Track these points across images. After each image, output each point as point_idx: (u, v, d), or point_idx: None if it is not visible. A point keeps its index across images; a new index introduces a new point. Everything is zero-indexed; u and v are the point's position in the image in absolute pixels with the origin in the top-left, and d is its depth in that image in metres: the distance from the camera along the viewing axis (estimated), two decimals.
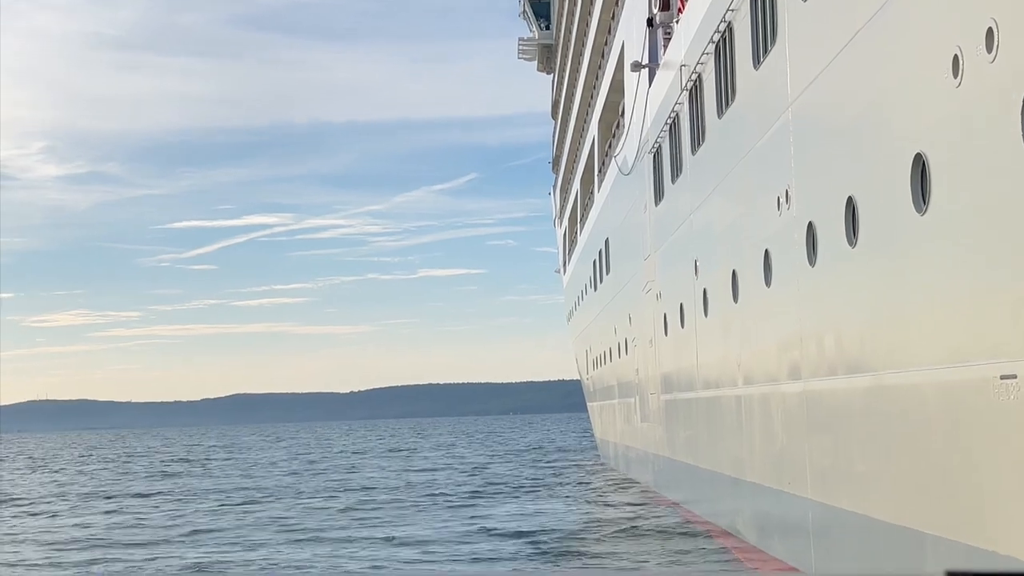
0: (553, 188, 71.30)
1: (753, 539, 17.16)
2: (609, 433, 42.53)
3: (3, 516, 31.63)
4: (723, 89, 17.56)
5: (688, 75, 20.09)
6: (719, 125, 17.97)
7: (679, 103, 21.31)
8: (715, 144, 18.52)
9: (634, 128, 28.02)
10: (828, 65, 11.98)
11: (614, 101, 35.67)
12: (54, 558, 21.07)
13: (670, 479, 25.94)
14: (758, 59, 15.22)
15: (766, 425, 15.73)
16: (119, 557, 20.82)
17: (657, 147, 24.32)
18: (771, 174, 14.62)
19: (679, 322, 22.58)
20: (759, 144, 15.23)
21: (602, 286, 39.36)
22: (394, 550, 20.15)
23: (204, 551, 21.18)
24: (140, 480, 49.28)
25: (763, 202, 15.00)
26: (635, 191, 28.41)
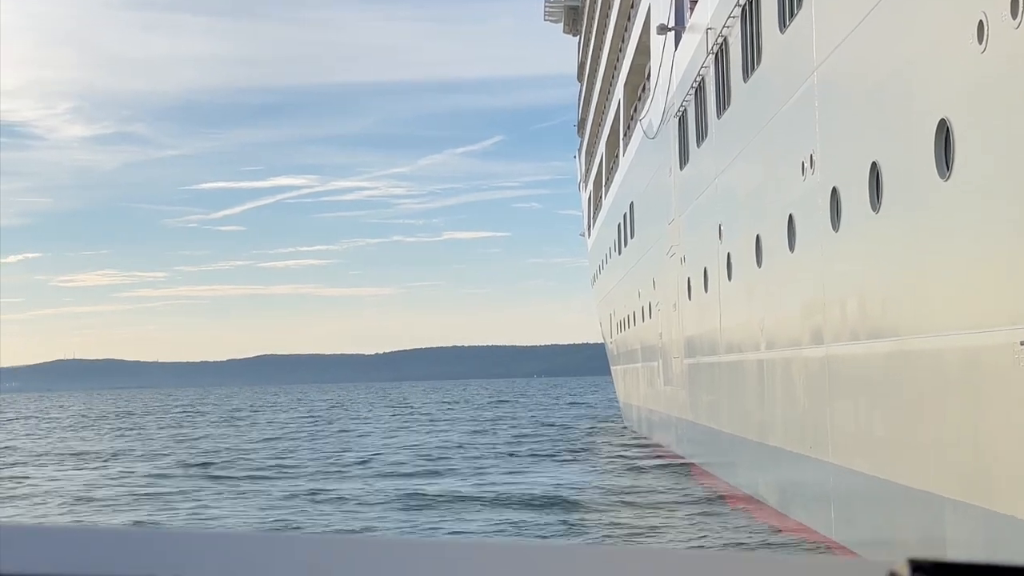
0: (578, 151, 71.17)
1: (774, 503, 17.26)
2: (632, 397, 42.66)
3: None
4: (749, 53, 17.51)
5: (714, 38, 20.02)
6: (745, 89, 17.93)
7: (705, 67, 21.25)
8: (740, 108, 18.49)
9: (660, 91, 27.95)
10: (854, 30, 11.94)
11: (640, 64, 35.54)
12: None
13: (692, 443, 26.05)
14: (784, 23, 15.16)
15: (788, 389, 15.79)
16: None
17: (683, 111, 24.27)
18: (796, 139, 14.60)
19: (703, 286, 22.62)
20: (784, 108, 15.20)
21: (626, 250, 39.37)
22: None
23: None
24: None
25: (787, 167, 15.00)
26: (660, 155, 28.37)
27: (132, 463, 34.28)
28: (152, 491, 25.07)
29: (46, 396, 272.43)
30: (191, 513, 21.11)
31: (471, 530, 17.90)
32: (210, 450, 39.85)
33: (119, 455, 38.72)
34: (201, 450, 40.10)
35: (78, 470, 32.45)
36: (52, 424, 71.85)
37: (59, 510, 22.12)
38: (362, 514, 20.16)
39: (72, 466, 33.94)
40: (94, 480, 28.68)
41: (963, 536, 9.56)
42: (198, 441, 46.57)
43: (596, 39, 52.60)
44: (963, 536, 9.56)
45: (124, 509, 21.92)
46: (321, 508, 21.24)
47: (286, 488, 24.91)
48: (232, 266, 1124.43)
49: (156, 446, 43.50)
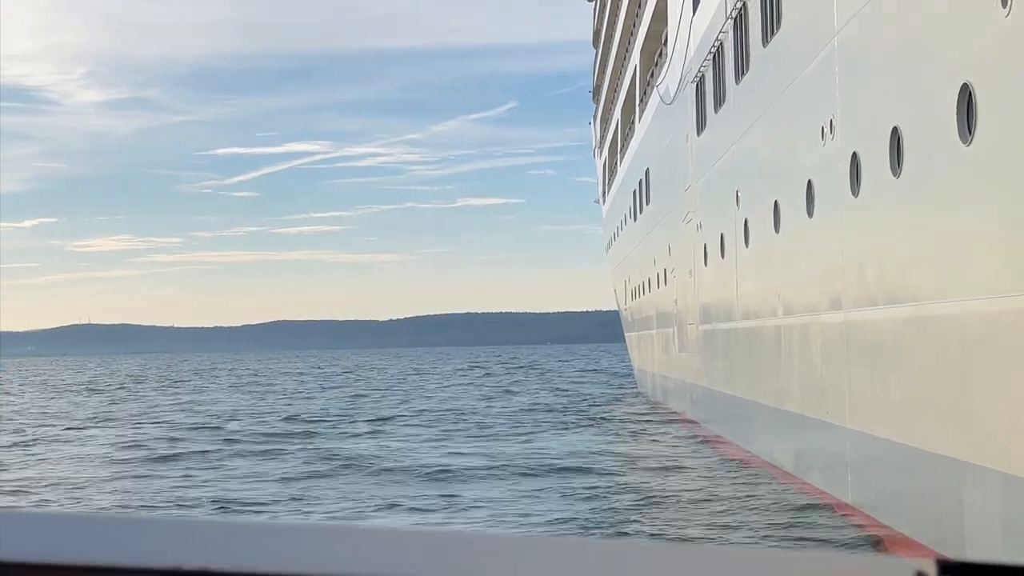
0: (594, 118, 70.96)
1: (790, 468, 17.32)
2: (647, 363, 42.71)
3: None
4: (768, 17, 17.43)
5: (733, 3, 19.93)
6: (764, 54, 17.86)
7: (723, 32, 21.15)
8: (759, 73, 18.42)
9: (677, 57, 27.84)
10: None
11: (656, 30, 35.38)
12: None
13: (707, 409, 26.11)
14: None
15: (805, 355, 15.81)
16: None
17: (700, 76, 24.19)
18: (816, 104, 14.56)
19: (719, 252, 22.61)
20: (804, 73, 15.15)
21: (642, 216, 39.32)
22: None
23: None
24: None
25: (807, 132, 14.96)
26: (677, 121, 28.29)
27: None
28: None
29: (62, 360, 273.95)
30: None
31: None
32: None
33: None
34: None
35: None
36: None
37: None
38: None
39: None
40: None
41: (981, 500, 9.60)
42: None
43: (612, 5, 52.33)
44: (981, 500, 9.60)
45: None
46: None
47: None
48: (246, 232, 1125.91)
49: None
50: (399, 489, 18.83)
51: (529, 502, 16.83)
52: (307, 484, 19.82)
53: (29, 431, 33.75)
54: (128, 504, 18.20)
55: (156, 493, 19.24)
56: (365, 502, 17.41)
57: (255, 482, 20.32)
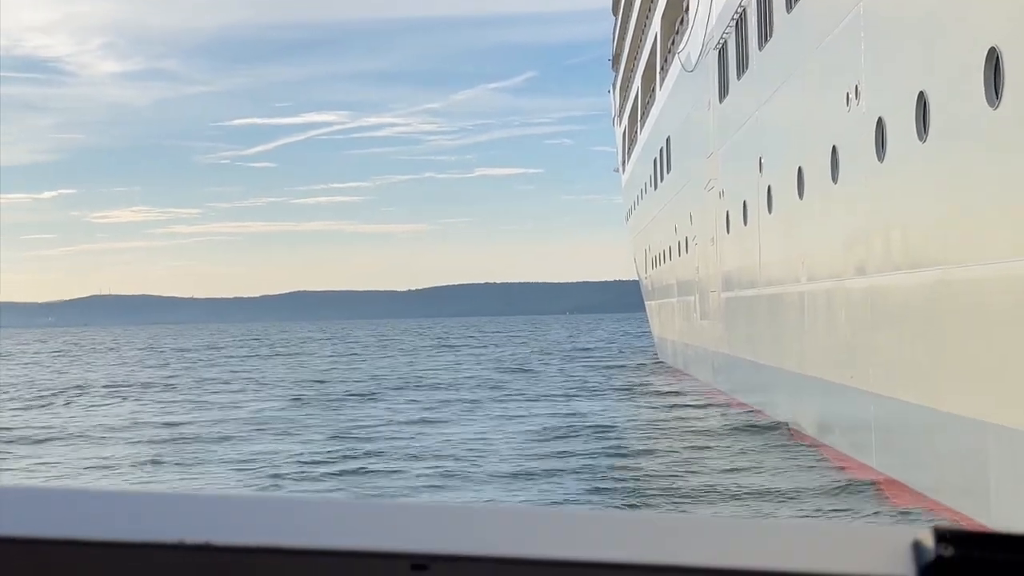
0: (613, 86, 70.68)
1: (813, 432, 17.41)
2: (667, 331, 42.79)
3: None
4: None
5: None
6: (788, 20, 17.83)
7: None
8: (783, 39, 18.40)
9: (699, 24, 27.76)
10: None
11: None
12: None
13: (730, 375, 26.19)
14: None
15: (830, 321, 15.88)
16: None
17: (723, 43, 24.14)
18: (840, 69, 14.57)
19: (742, 219, 22.63)
20: (829, 39, 15.15)
21: (663, 185, 39.28)
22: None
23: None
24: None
25: (831, 98, 14.98)
26: (699, 88, 28.24)
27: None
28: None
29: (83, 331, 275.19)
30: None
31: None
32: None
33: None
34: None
35: None
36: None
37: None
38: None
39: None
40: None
41: (1008, 461, 9.69)
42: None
43: None
44: (1008, 461, 9.69)
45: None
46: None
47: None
48: (265, 202, 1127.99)
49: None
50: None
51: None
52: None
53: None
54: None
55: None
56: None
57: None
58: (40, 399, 34.79)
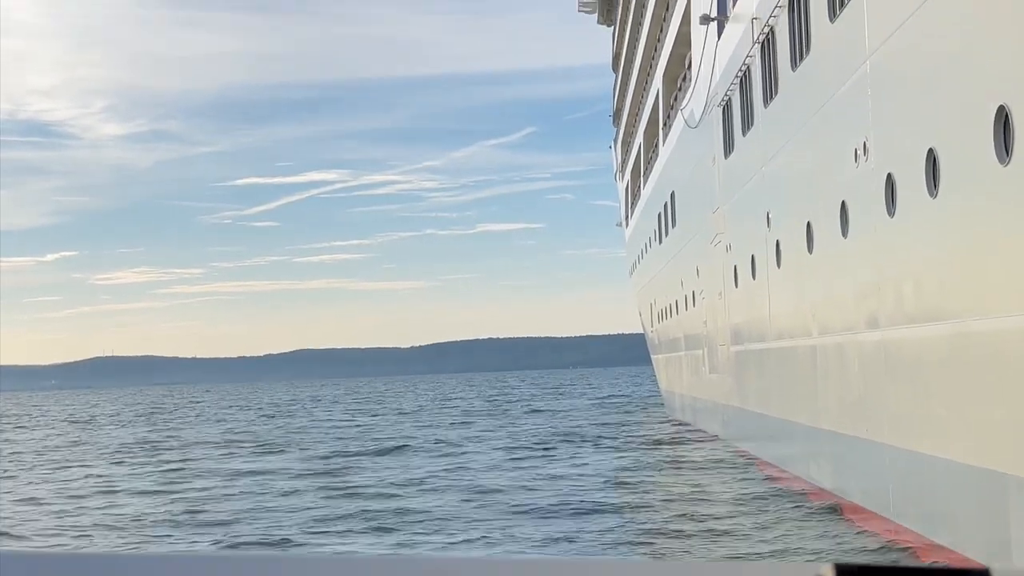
0: (614, 141, 71.22)
1: (828, 485, 17.47)
2: (675, 385, 42.84)
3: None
4: (797, 42, 17.70)
5: (760, 28, 20.21)
6: (793, 78, 18.12)
7: (750, 56, 21.43)
8: (789, 97, 18.67)
9: (702, 81, 28.12)
10: (908, 18, 12.14)
11: (679, 54, 35.70)
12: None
13: (741, 429, 26.26)
14: (834, 12, 15.37)
15: (842, 373, 16.00)
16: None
17: (727, 100, 24.45)
18: (848, 126, 14.80)
19: (750, 273, 22.81)
20: (835, 97, 15.40)
21: (667, 239, 39.52)
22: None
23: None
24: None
25: (840, 154, 15.21)
26: (703, 144, 28.55)
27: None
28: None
29: (85, 393, 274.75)
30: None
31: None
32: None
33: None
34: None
35: None
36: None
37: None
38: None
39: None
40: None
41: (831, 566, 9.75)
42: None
43: (632, 29, 52.67)
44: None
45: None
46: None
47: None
48: (267, 261, 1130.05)
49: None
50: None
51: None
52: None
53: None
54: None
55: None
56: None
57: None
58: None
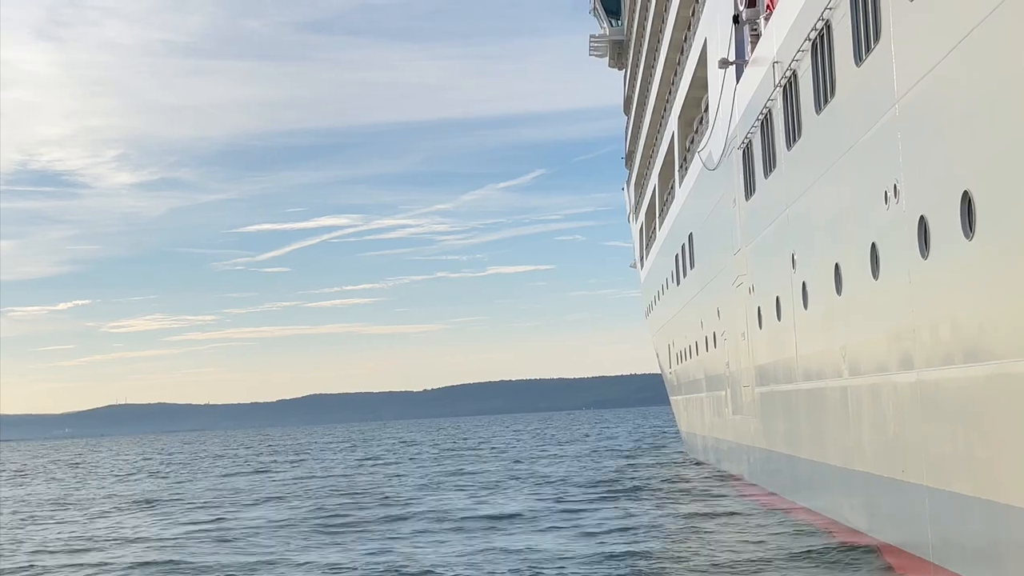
0: (627, 183, 71.45)
1: (863, 526, 17.45)
2: (696, 426, 42.78)
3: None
4: (821, 86, 17.84)
5: (782, 72, 20.37)
6: (817, 121, 18.24)
7: (772, 99, 21.58)
8: (813, 140, 18.79)
9: (720, 124, 28.28)
10: (940, 62, 12.25)
11: (695, 97, 35.92)
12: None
13: (767, 470, 26.21)
14: (860, 56, 15.50)
15: (876, 415, 16.01)
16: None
17: (747, 142, 24.60)
18: (877, 169, 14.90)
19: (775, 315, 22.86)
20: (863, 140, 15.51)
21: (685, 280, 39.59)
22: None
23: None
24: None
25: (869, 196, 15.29)
26: (722, 186, 28.68)
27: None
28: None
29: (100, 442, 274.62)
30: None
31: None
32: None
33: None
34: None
35: None
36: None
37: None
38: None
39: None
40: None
41: None
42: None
43: (644, 73, 52.97)
44: None
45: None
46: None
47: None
48: (279, 307, 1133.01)
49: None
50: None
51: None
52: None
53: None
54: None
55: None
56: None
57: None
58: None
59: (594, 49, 70.43)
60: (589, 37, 69.89)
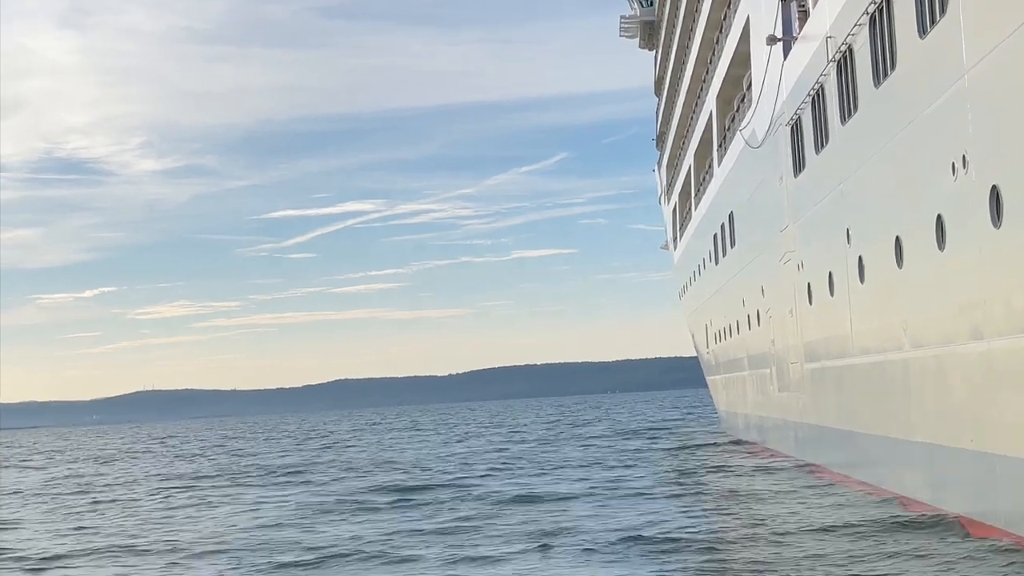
0: (657, 165, 71.35)
1: (925, 497, 17.53)
2: (737, 405, 42.81)
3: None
4: (880, 59, 17.86)
5: (836, 47, 20.39)
6: (876, 95, 18.27)
7: (824, 75, 21.60)
8: (870, 114, 18.82)
9: (765, 101, 28.28)
10: (1012, 33, 12.29)
11: (735, 75, 35.84)
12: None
13: (819, 445, 26.27)
14: (924, 28, 15.54)
15: (941, 386, 16.07)
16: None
17: (796, 119, 24.61)
18: (944, 140, 14.93)
19: (827, 290, 22.90)
20: (927, 112, 15.54)
21: (725, 260, 39.57)
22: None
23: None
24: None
25: (935, 168, 15.33)
26: (767, 163, 28.68)
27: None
28: None
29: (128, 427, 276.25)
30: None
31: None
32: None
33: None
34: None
35: None
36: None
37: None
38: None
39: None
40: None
41: None
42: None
43: (678, 52, 52.81)
44: None
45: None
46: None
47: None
48: (304, 293, 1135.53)
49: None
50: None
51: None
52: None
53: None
54: None
55: None
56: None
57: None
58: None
59: (624, 30, 70.25)
60: (620, 18, 69.74)
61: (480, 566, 16.25)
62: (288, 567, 17.16)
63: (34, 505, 32.78)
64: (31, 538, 23.22)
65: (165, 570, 17.75)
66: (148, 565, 18.36)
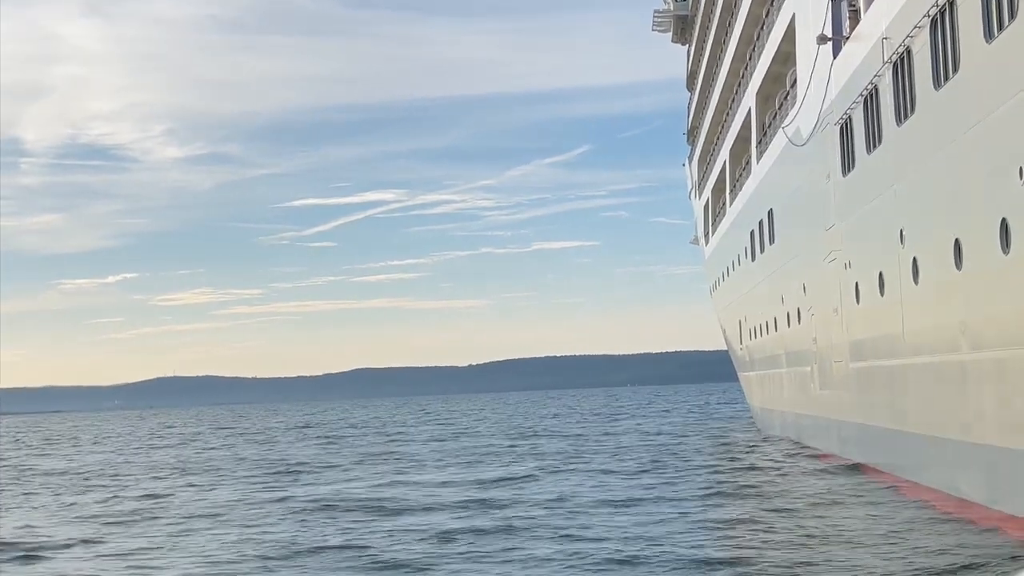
0: (688, 160, 71.27)
1: (981, 498, 17.60)
2: (774, 402, 42.80)
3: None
4: (941, 62, 17.91)
5: (892, 48, 20.44)
6: (936, 97, 18.32)
7: (878, 75, 21.65)
8: (929, 115, 18.86)
9: (811, 99, 28.30)
10: None
11: (776, 72, 35.85)
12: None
13: (865, 444, 26.30)
14: (991, 33, 15.60)
15: (1002, 388, 16.15)
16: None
17: (847, 118, 24.64)
18: (1010, 145, 15.00)
19: (877, 290, 22.95)
20: (994, 115, 15.60)
21: (762, 256, 39.55)
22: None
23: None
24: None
25: (999, 172, 15.40)
26: (813, 162, 28.71)
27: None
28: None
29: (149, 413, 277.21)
30: None
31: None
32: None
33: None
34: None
35: None
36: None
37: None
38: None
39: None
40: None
41: None
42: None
43: (713, 48, 52.75)
44: None
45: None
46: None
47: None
48: (325, 281, 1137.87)
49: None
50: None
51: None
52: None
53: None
54: None
55: None
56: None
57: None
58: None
59: (657, 24, 70.22)
60: (653, 12, 69.74)
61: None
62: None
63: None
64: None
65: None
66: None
